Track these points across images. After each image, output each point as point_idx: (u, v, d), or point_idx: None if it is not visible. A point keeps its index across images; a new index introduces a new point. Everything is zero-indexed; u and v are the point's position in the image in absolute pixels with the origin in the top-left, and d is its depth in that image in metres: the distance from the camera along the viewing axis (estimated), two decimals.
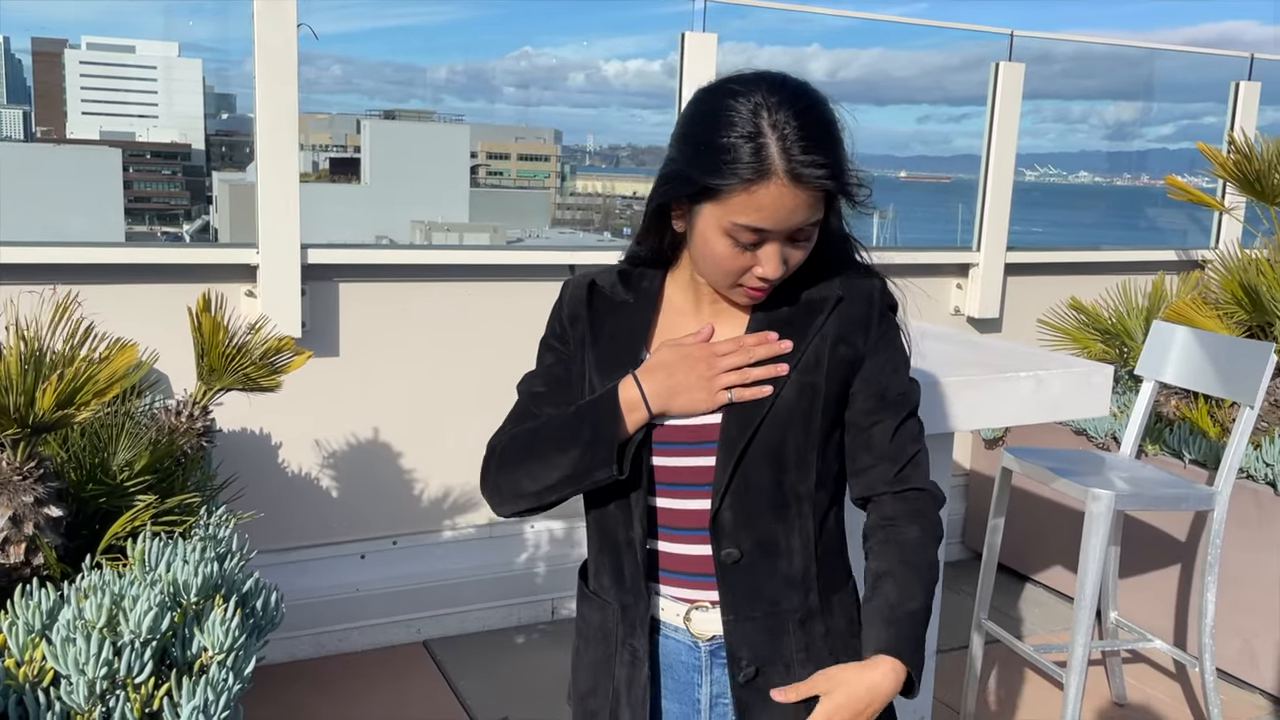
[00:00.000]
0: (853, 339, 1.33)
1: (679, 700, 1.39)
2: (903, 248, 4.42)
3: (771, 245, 1.25)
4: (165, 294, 2.99)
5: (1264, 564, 3.26)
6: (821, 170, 1.20)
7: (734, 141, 1.20)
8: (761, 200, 1.20)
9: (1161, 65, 5.43)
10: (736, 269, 1.26)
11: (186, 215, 51.77)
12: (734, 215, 1.22)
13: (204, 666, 1.64)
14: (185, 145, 52.70)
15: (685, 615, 1.36)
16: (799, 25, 8.74)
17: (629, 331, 1.38)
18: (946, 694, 3.18)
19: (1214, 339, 3.00)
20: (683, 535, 1.34)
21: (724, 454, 1.29)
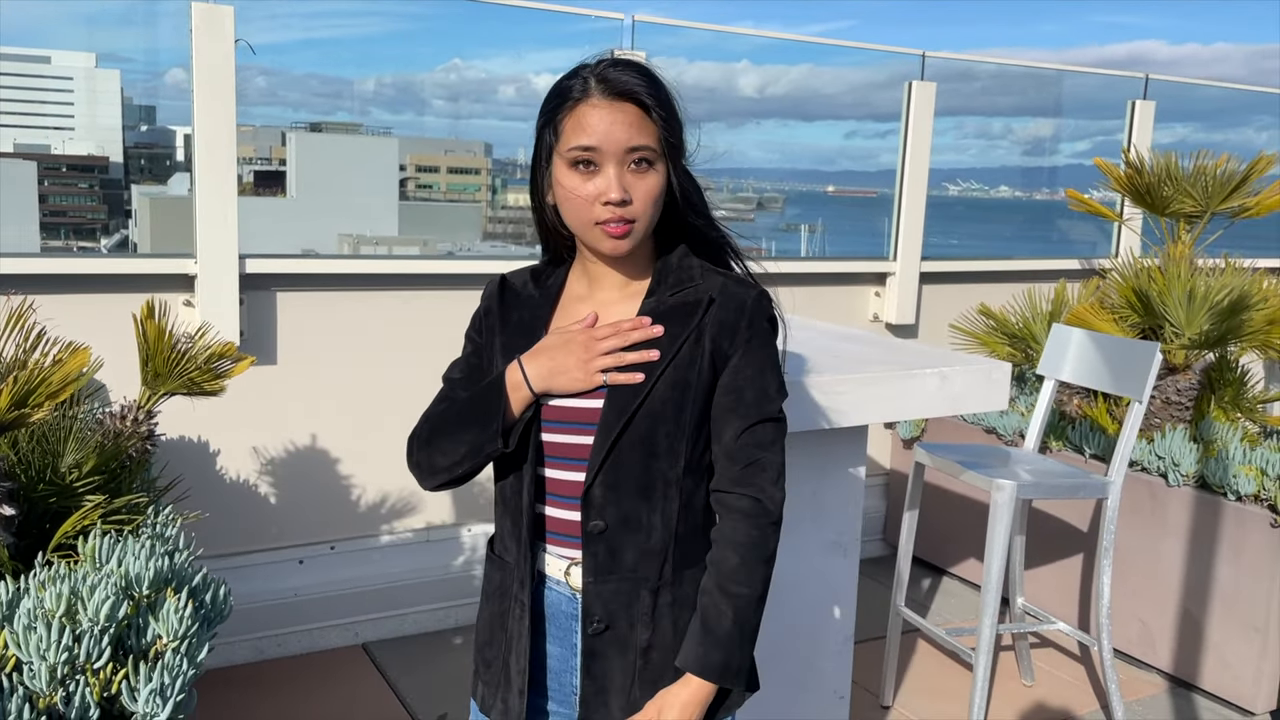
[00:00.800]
0: (721, 341, 1.46)
1: (560, 644, 1.55)
2: (824, 258, 4.62)
3: (609, 169, 1.39)
4: (103, 304, 3.04)
5: (1159, 551, 3.49)
6: (635, 85, 1.40)
7: (561, 86, 1.43)
8: (584, 119, 1.39)
9: (1074, 83, 5.74)
10: (587, 199, 1.40)
11: (104, 229, 50.40)
12: (569, 143, 1.40)
13: (159, 653, 1.72)
14: (103, 158, 51.35)
15: (565, 570, 1.52)
16: (729, 41, 9.06)
17: (531, 320, 1.54)
18: (866, 679, 3.35)
19: (1106, 340, 3.22)
20: (564, 503, 1.50)
21: (601, 436, 1.45)
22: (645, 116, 1.40)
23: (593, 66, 1.42)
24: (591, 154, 1.39)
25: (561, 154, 1.41)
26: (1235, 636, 3.31)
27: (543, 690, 1.56)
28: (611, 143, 1.39)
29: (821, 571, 2.57)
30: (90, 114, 55.53)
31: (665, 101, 1.43)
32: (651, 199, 1.42)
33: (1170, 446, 3.49)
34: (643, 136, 1.40)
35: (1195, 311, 3.61)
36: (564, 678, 1.55)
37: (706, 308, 1.47)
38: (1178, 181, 3.88)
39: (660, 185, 1.43)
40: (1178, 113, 5.83)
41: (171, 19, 3.33)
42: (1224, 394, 3.83)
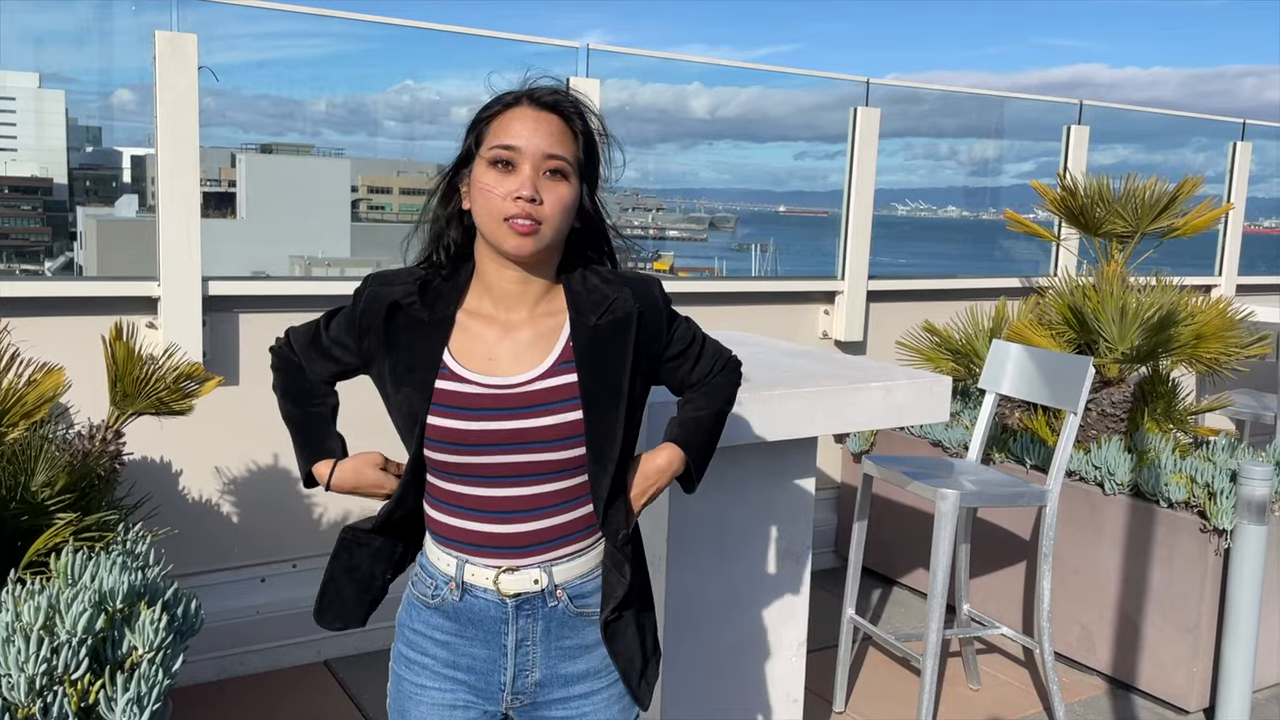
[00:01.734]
0: (653, 348, 1.63)
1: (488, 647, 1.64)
2: (775, 277, 4.75)
3: (525, 168, 1.48)
4: (65, 326, 3.07)
5: (1097, 558, 3.64)
6: (561, 101, 1.52)
7: (493, 99, 1.55)
8: (508, 123, 1.51)
9: (1017, 106, 5.95)
10: (500, 195, 1.47)
11: (48, 252, 49.33)
12: (492, 141, 1.51)
13: (135, 664, 1.77)
14: (47, 180, 50.37)
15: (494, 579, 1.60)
16: (680, 63, 9.26)
17: (427, 347, 1.58)
18: (819, 686, 3.45)
19: (1043, 354, 3.37)
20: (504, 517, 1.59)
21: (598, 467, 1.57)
22: (566, 129, 1.53)
23: (528, 85, 1.55)
24: (511, 153, 1.49)
25: (483, 154, 1.52)
26: (1169, 638, 3.46)
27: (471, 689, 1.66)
28: (531, 146, 1.49)
29: (774, 580, 2.67)
30: (33, 135, 54.46)
31: (586, 127, 1.56)
32: (562, 205, 1.51)
33: (1106, 456, 3.64)
34: (561, 147, 1.51)
35: (1127, 327, 3.78)
36: (491, 677, 1.65)
37: (639, 320, 1.59)
38: (1109, 203, 4.06)
39: (571, 197, 1.53)
40: (1119, 134, 6.07)
41: (119, 38, 3.37)
42: (1156, 406, 4.00)
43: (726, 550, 2.56)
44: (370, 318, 1.60)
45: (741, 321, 4.36)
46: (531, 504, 1.57)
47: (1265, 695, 3.58)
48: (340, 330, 1.68)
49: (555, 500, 1.57)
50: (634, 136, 6.63)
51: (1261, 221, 7.01)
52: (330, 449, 1.80)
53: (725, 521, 2.55)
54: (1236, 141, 5.94)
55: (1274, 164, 6.80)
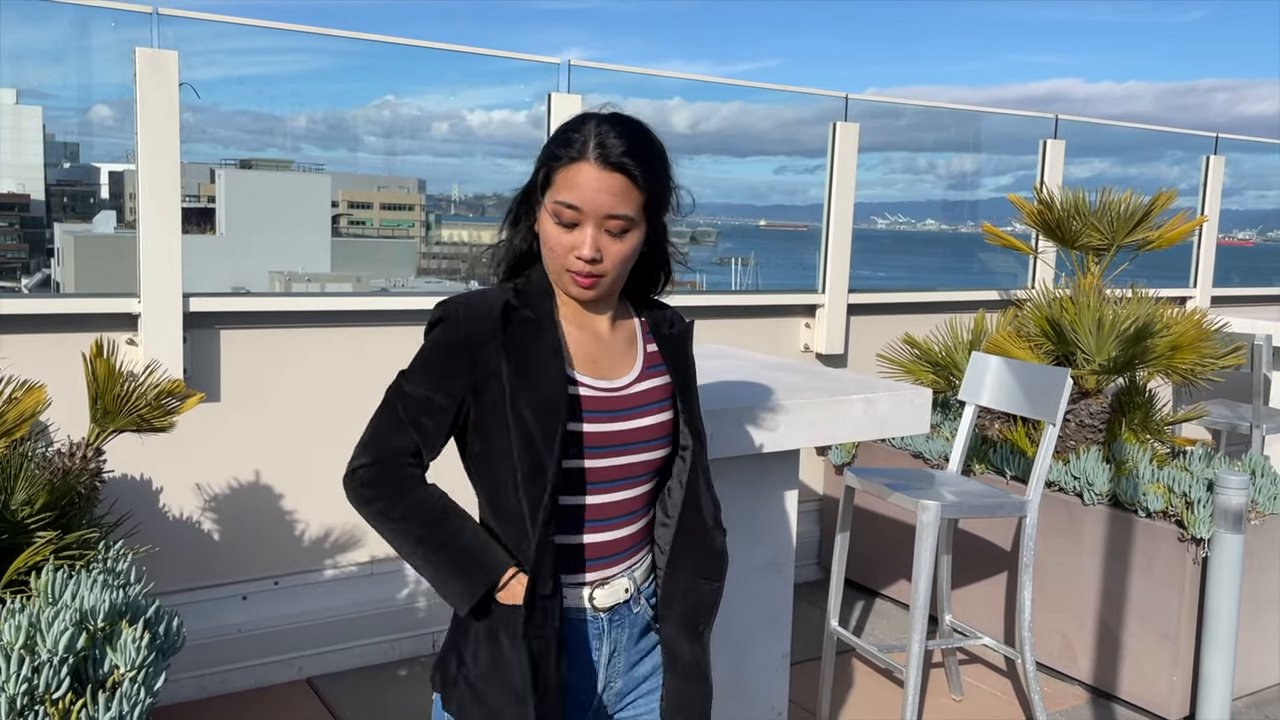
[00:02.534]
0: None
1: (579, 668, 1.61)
2: (757, 291, 4.78)
3: (587, 227, 1.50)
4: (44, 343, 3.05)
5: (1077, 567, 3.67)
6: (627, 158, 1.51)
7: (564, 137, 1.53)
8: (574, 178, 1.50)
9: (995, 120, 6.02)
10: (562, 249, 1.52)
11: (25, 269, 48.89)
12: (557, 195, 1.51)
13: (116, 683, 1.76)
14: (24, 196, 49.98)
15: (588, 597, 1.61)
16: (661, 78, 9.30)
17: (543, 348, 1.54)
18: (803, 697, 3.45)
19: (1021, 366, 3.41)
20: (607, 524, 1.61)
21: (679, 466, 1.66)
22: (631, 186, 1.52)
23: (595, 124, 1.52)
24: (574, 214, 1.51)
25: (548, 205, 1.53)
26: (1150, 646, 3.49)
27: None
28: (594, 207, 1.50)
29: (758, 592, 2.68)
30: (10, 151, 54.01)
31: (653, 169, 1.54)
32: (622, 259, 1.55)
33: (1085, 467, 3.67)
34: (624, 206, 1.52)
35: (1104, 339, 3.82)
36: (582, 696, 1.64)
37: (688, 334, 1.71)
38: (1085, 217, 4.11)
39: (632, 248, 1.56)
40: (1096, 148, 6.14)
41: (99, 54, 3.37)
42: (1134, 416, 4.04)
43: None
44: (483, 326, 1.53)
45: (724, 335, 4.38)
46: (626, 509, 1.62)
47: (1245, 703, 3.61)
48: (441, 362, 1.55)
49: (642, 503, 1.65)
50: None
51: (1235, 233, 7.11)
52: (505, 555, 1.55)
53: None
54: (1209, 155, 6.02)
55: (1248, 176, 6.91)
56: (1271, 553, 3.60)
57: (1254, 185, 7.27)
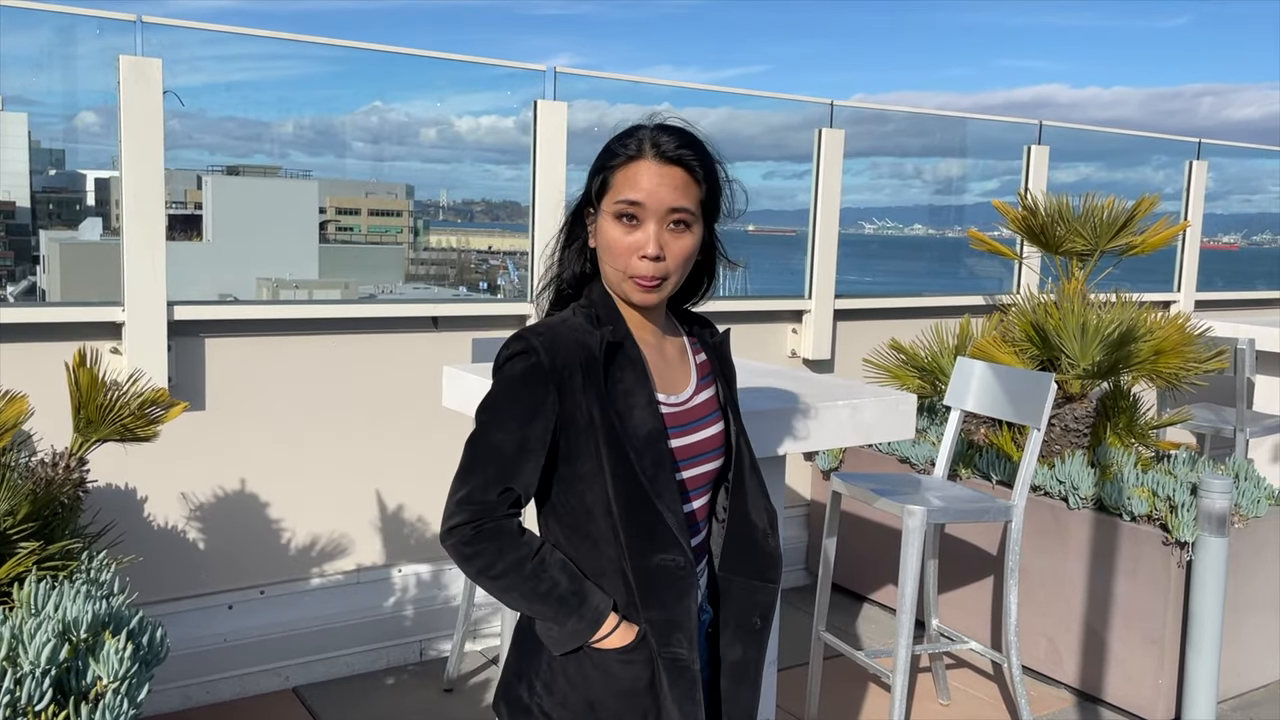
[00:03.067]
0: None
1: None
2: (744, 296, 4.78)
3: (650, 225, 1.52)
4: (27, 352, 3.04)
5: (1062, 571, 3.69)
6: (683, 150, 1.54)
7: (620, 141, 1.56)
8: (634, 176, 1.52)
9: (981, 126, 6.04)
10: (625, 250, 1.52)
11: (10, 276, 48.65)
12: (617, 195, 1.52)
13: (99, 694, 1.75)
14: (9, 203, 49.74)
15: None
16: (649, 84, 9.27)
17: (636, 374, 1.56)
18: (790, 704, 3.46)
19: (1006, 371, 3.42)
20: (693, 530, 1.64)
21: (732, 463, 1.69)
22: (691, 180, 1.54)
23: (648, 129, 1.55)
24: (636, 209, 1.52)
25: (607, 207, 1.54)
26: (1135, 650, 3.50)
27: None
28: (656, 201, 1.52)
29: None
30: None
31: (710, 168, 1.57)
32: (684, 257, 1.56)
33: (1070, 471, 3.69)
34: (685, 199, 1.53)
35: (1088, 343, 3.84)
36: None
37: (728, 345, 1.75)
38: (1069, 222, 4.13)
39: (693, 245, 1.56)
40: (1082, 153, 6.17)
41: (83, 61, 3.36)
42: (1118, 421, 4.06)
43: None
44: (569, 353, 1.51)
45: None
46: (693, 520, 1.64)
47: (1230, 705, 3.63)
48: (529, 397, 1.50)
49: (704, 514, 1.67)
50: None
51: (1220, 237, 7.15)
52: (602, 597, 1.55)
53: None
54: (1192, 160, 6.06)
55: (1234, 181, 6.95)
56: (1255, 556, 3.62)
57: (1239, 190, 7.32)
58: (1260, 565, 3.65)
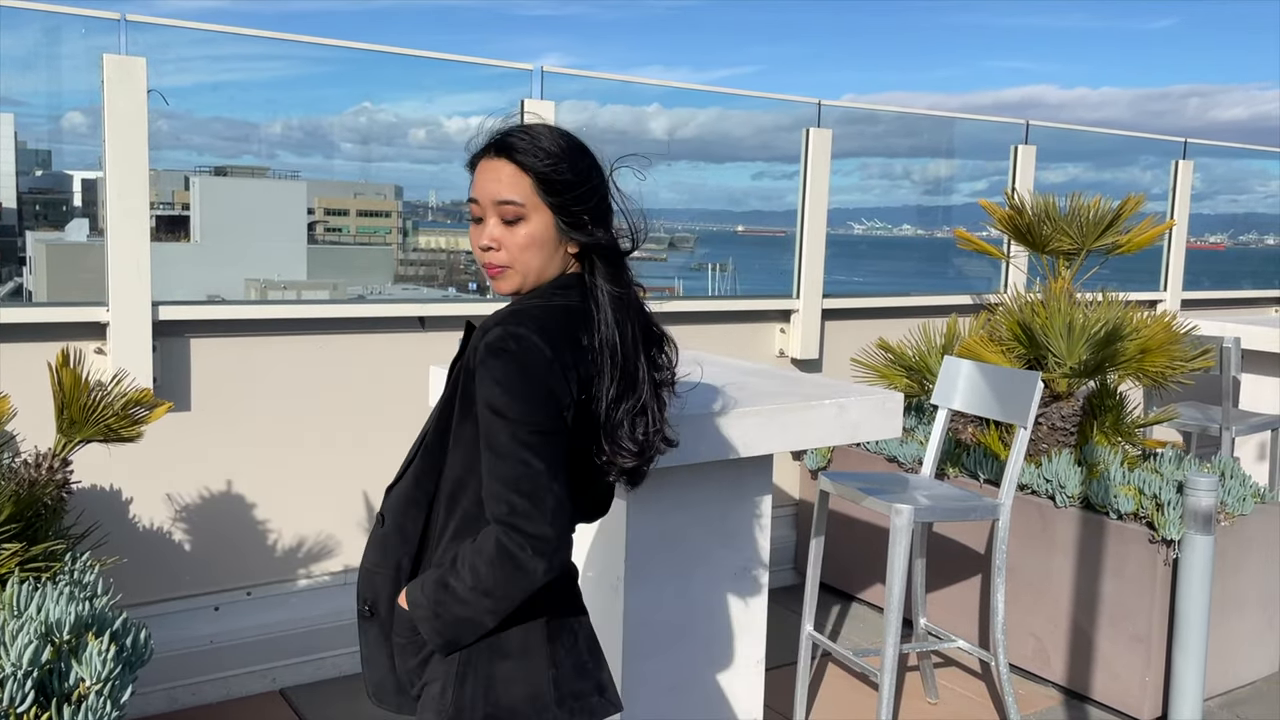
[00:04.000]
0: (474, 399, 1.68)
1: None
2: (733, 296, 4.79)
3: (489, 218, 1.59)
4: (11, 353, 3.02)
5: (1049, 569, 3.70)
6: (513, 140, 1.56)
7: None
8: (476, 174, 1.60)
9: (969, 127, 6.06)
10: (475, 246, 1.61)
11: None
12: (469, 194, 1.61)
13: (82, 696, 1.74)
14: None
15: None
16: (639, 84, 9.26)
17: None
18: (778, 703, 3.46)
19: (993, 370, 3.43)
20: None
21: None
22: (518, 171, 1.56)
23: (496, 130, 1.60)
24: (475, 205, 1.60)
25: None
26: (1122, 648, 3.52)
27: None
28: (485, 194, 1.58)
29: (732, 598, 2.68)
30: None
31: (542, 155, 1.56)
32: (520, 247, 1.58)
33: (1056, 470, 3.70)
34: (512, 191, 1.56)
35: (1075, 342, 3.85)
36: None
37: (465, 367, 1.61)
38: (1055, 221, 4.15)
39: (530, 233, 1.58)
40: (1070, 153, 6.19)
41: (70, 61, 3.35)
42: (1105, 419, 4.07)
43: (684, 569, 2.57)
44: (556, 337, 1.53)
45: (700, 340, 4.39)
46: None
47: (1216, 703, 3.64)
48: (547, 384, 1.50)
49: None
50: None
51: (1207, 237, 7.19)
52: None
53: (683, 540, 2.56)
54: (1179, 160, 6.09)
55: (1221, 181, 6.99)
56: (1241, 553, 3.63)
57: (1226, 190, 7.36)
58: (1246, 563, 3.67)
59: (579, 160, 1.59)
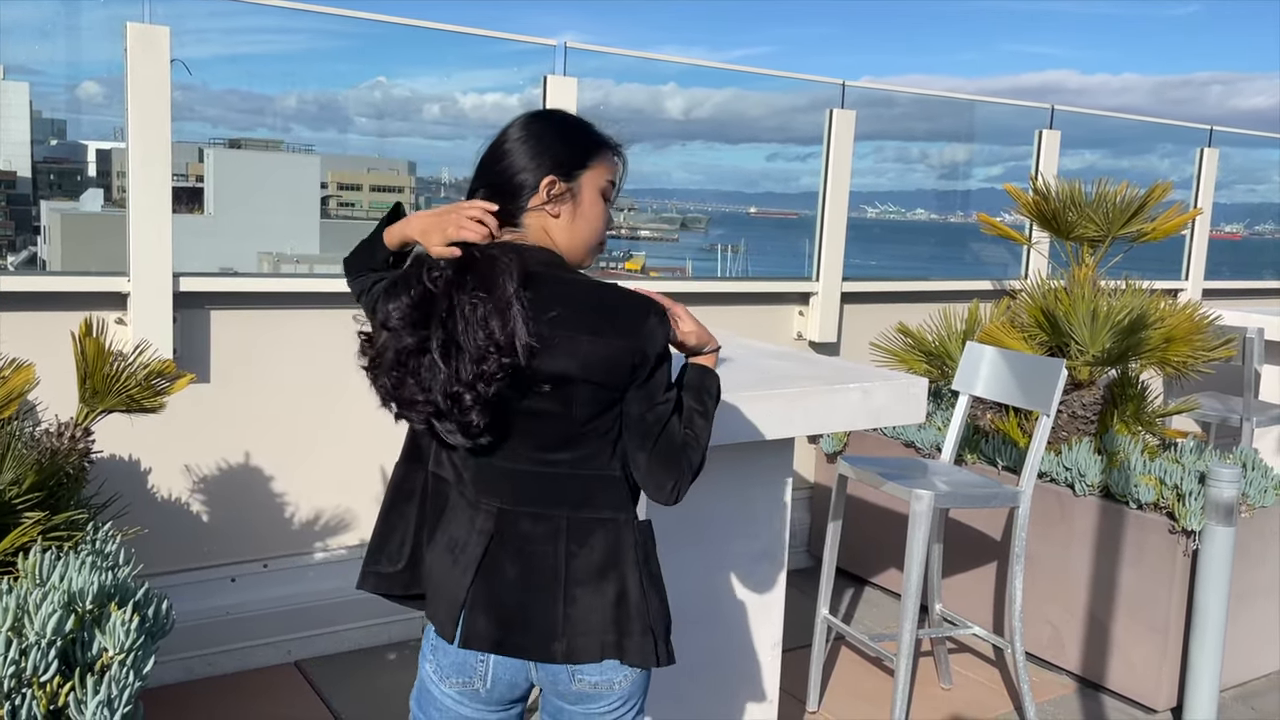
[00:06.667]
0: None
1: None
2: (751, 278, 4.77)
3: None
4: (33, 322, 3.02)
5: (1067, 558, 3.68)
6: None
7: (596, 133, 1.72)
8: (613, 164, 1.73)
9: (988, 111, 6.00)
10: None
11: (10, 246, 48.51)
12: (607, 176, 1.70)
13: (105, 666, 1.74)
14: (10, 173, 49.51)
15: None
16: (656, 64, 9.20)
17: None
18: (792, 685, 3.45)
19: (1016, 357, 3.40)
20: None
21: None
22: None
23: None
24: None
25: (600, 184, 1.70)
26: (1139, 638, 3.50)
27: None
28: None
29: (750, 580, 2.67)
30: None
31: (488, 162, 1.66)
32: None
33: (1076, 458, 3.67)
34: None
35: (1098, 330, 3.82)
36: None
37: None
38: (1081, 207, 4.10)
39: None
40: (1087, 140, 6.13)
41: (87, 32, 3.33)
42: (1126, 408, 4.04)
43: (703, 550, 2.56)
44: None
45: (716, 321, 4.34)
46: None
47: (1232, 694, 3.63)
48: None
49: None
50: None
51: (1224, 227, 7.12)
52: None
53: (702, 522, 2.55)
54: (1204, 148, 6.02)
55: (1238, 171, 6.91)
56: (1261, 546, 3.61)
57: (1243, 180, 7.29)
58: (1265, 554, 3.64)
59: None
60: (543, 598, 1.60)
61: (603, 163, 1.66)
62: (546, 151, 1.62)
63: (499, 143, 1.65)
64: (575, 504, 1.61)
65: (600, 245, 1.69)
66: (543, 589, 1.60)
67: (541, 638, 1.60)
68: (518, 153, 1.62)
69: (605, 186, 1.66)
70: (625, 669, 1.63)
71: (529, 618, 1.60)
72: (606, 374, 1.55)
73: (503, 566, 1.61)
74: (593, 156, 1.65)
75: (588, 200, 1.64)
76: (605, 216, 1.68)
